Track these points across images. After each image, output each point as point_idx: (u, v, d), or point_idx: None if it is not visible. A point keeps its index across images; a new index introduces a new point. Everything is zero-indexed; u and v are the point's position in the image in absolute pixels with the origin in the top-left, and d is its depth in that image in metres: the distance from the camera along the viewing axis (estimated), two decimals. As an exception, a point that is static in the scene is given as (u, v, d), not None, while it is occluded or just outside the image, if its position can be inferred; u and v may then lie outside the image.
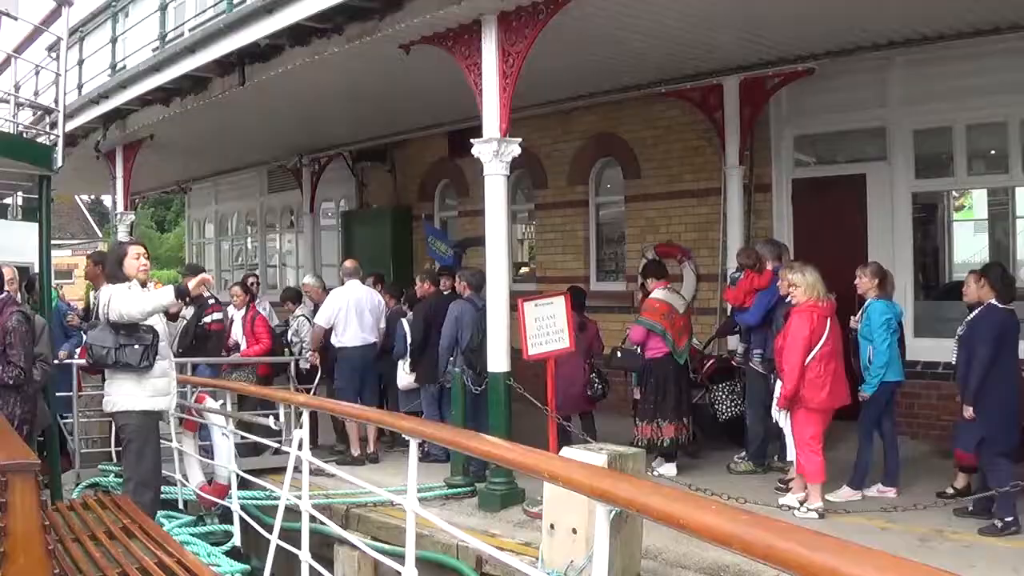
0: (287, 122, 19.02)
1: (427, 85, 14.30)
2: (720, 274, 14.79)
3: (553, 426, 10.95)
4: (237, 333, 14.93)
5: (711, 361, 13.59)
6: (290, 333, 15.45)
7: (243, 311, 15.06)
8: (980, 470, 9.69)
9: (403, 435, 6.49)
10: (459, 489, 11.23)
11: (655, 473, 11.54)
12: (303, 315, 15.44)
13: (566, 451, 7.93)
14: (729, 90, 14.19)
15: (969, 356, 9.56)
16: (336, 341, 13.76)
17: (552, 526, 7.70)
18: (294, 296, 16.34)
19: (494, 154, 10.48)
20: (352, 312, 13.68)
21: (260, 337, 14.69)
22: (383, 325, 14.07)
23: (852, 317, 10.85)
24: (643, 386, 12.21)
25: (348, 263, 14.58)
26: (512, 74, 10.39)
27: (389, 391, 14.52)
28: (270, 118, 18.30)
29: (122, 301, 9.06)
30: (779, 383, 10.36)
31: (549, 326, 11.14)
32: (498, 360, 10.77)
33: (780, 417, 10.41)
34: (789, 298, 10.40)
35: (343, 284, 14.21)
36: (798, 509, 9.86)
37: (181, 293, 9.51)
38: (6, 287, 9.77)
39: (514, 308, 10.99)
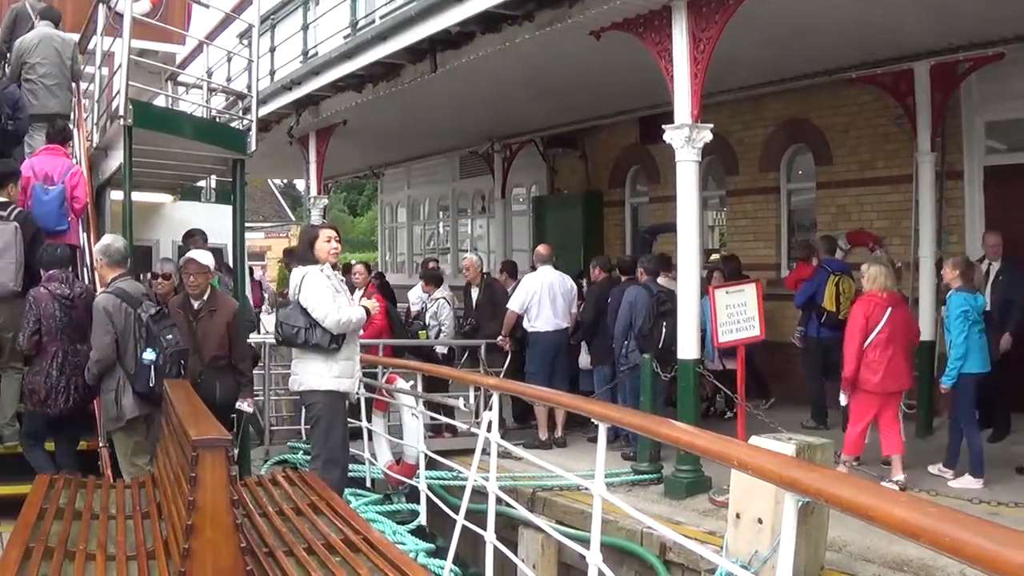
0: (478, 108, 19.18)
1: (617, 71, 14.28)
2: (912, 263, 14.44)
3: (742, 413, 10.90)
4: None
5: None
6: (428, 316, 15.54)
7: (360, 292, 15.01)
8: None
9: (593, 420, 6.48)
10: (645, 476, 11.22)
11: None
12: (443, 297, 15.56)
13: (754, 439, 7.87)
14: (920, 75, 13.72)
15: None
16: (529, 326, 13.88)
17: (738, 515, 7.65)
18: (432, 278, 16.36)
19: (686, 140, 10.39)
20: (545, 297, 13.78)
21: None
22: (575, 310, 14.13)
23: (942, 308, 11.19)
24: None
25: (541, 248, 14.68)
26: (703, 60, 10.30)
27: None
28: (461, 104, 18.48)
29: (323, 303, 9.32)
30: None
31: (740, 314, 11.13)
32: (688, 347, 10.65)
33: (843, 398, 10.81)
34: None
35: (534, 269, 14.31)
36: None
37: (368, 313, 9.91)
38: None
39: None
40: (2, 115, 11.48)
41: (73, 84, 13.24)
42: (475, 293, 15.58)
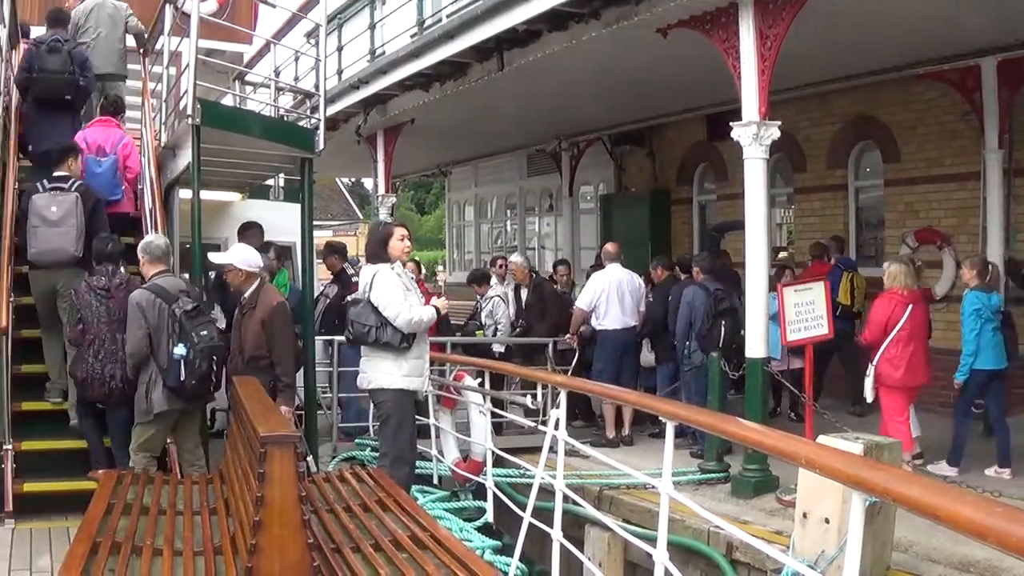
0: (545, 107, 19.18)
1: (684, 68, 14.26)
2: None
3: (810, 413, 10.85)
4: None
5: None
6: (483, 315, 15.55)
7: None
8: None
9: (661, 418, 6.48)
10: (712, 474, 11.20)
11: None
12: (497, 296, 15.56)
13: (822, 438, 7.84)
14: (987, 71, 13.58)
15: None
16: (597, 324, 13.90)
17: (805, 515, 7.61)
18: (481, 278, 16.47)
19: (753, 137, 10.35)
20: (614, 295, 13.79)
21: None
22: (643, 308, 14.11)
23: None
24: None
25: (609, 246, 14.69)
26: (770, 56, 10.26)
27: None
28: (528, 103, 18.48)
29: (394, 301, 9.35)
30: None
31: (808, 312, 11.07)
32: (756, 346, 10.65)
33: (868, 393, 11.10)
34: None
35: (603, 268, 14.32)
36: None
37: (438, 313, 9.92)
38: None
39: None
40: (75, 72, 11.85)
41: (134, 42, 14.13)
42: (524, 295, 15.61)
